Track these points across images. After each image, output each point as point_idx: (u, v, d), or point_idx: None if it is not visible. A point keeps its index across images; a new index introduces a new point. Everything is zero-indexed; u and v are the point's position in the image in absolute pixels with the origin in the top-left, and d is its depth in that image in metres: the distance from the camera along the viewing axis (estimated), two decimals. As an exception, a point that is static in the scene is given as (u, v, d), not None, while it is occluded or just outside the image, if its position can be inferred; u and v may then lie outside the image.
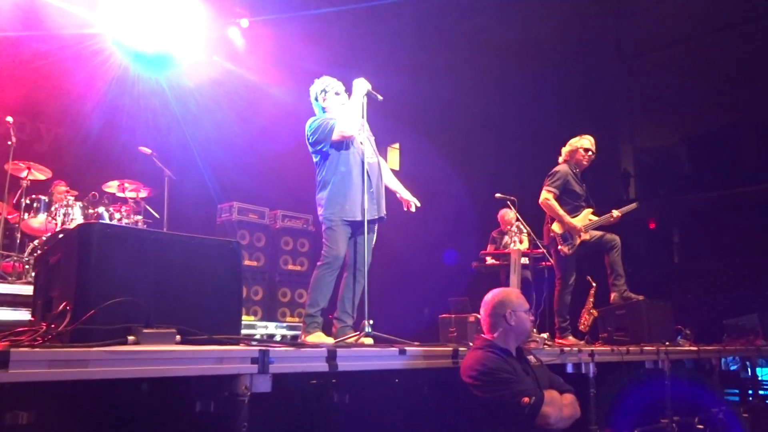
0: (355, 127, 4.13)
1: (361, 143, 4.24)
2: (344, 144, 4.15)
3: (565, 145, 5.70)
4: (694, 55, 11.07)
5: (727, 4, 10.36)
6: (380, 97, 4.23)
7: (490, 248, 7.57)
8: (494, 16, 10.06)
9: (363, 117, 4.24)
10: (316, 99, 4.36)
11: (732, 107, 10.96)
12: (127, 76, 7.98)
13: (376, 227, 4.30)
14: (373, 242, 4.25)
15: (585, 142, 5.58)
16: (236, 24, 9.30)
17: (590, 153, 5.58)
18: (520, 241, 7.10)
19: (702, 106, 11.21)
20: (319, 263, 4.10)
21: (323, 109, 4.34)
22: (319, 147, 4.15)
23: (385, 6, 10.09)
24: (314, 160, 4.27)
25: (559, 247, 5.33)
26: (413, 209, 4.64)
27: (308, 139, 4.21)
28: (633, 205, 5.79)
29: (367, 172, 4.13)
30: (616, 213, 5.55)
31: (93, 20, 7.86)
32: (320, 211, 4.17)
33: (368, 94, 4.19)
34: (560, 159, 5.67)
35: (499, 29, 10.02)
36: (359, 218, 4.05)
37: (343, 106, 4.25)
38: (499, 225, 7.75)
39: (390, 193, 4.53)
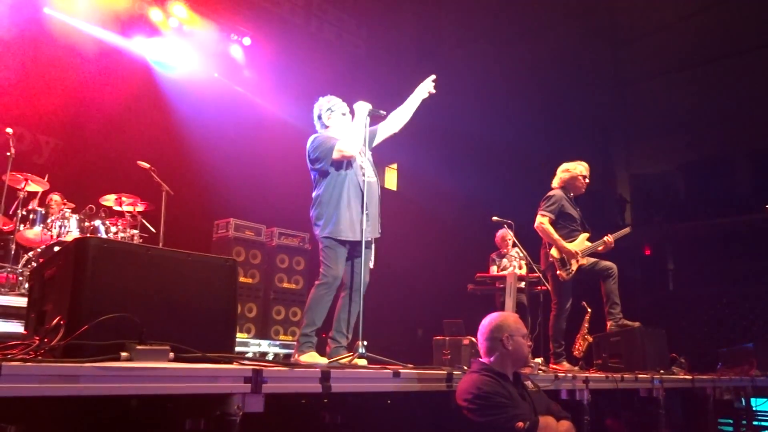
0: (356, 148, 4.12)
1: (362, 165, 4.23)
2: (344, 163, 4.14)
3: (557, 169, 5.69)
4: (690, 83, 11.19)
5: (723, 34, 10.50)
6: (383, 113, 4.25)
7: (490, 270, 7.57)
8: (493, 40, 10.17)
9: (366, 136, 4.23)
10: (320, 117, 4.34)
11: (728, 136, 11.05)
12: (128, 91, 8.01)
13: (373, 247, 4.27)
14: (371, 262, 4.20)
15: (582, 168, 5.59)
16: (238, 42, 9.38)
17: (587, 180, 5.60)
18: (520, 267, 7.12)
19: (698, 134, 11.29)
20: (317, 282, 4.06)
21: (324, 127, 4.32)
22: (319, 165, 4.12)
23: (386, 27, 10.20)
24: (313, 177, 4.25)
25: (558, 272, 5.30)
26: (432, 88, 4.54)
27: (309, 156, 4.18)
28: (626, 230, 5.78)
29: (365, 192, 4.12)
30: (609, 238, 5.53)
31: (97, 36, 7.93)
32: (316, 230, 4.14)
33: (370, 114, 4.20)
34: (555, 183, 5.65)
35: (498, 53, 10.13)
36: (355, 238, 4.02)
37: (346, 127, 4.26)
38: (497, 247, 7.75)
39: (382, 211, 4.44)
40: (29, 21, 7.41)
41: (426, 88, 4.55)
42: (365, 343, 3.75)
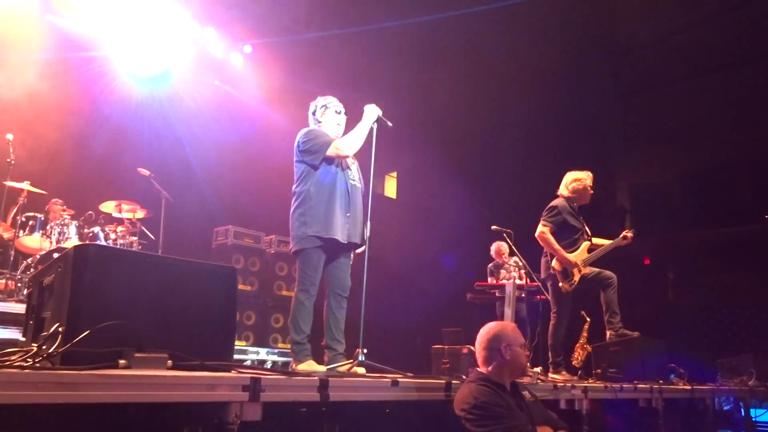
0: (354, 148, 4.10)
1: (349, 167, 4.23)
2: (334, 162, 4.11)
3: (563, 177, 5.66)
4: (690, 93, 11.21)
5: (723, 44, 10.53)
6: (390, 124, 4.20)
7: (488, 281, 7.57)
8: (493, 50, 10.20)
9: (373, 143, 4.15)
10: (314, 113, 4.34)
11: (728, 146, 11.07)
12: (129, 98, 8.03)
13: (352, 253, 4.23)
14: (349, 267, 4.18)
15: (590, 179, 5.58)
16: (239, 49, 9.41)
17: (592, 190, 5.60)
18: (520, 277, 7.13)
19: (698, 144, 11.31)
20: (296, 289, 4.02)
21: (317, 122, 4.31)
22: (308, 158, 4.06)
23: (388, 36, 10.23)
24: (297, 169, 4.17)
25: (560, 284, 5.29)
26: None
27: (299, 147, 4.11)
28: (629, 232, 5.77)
29: (350, 193, 4.11)
30: (628, 233, 5.60)
31: (98, 42, 7.96)
32: (297, 227, 4.02)
33: (378, 121, 4.17)
34: (563, 192, 5.58)
35: (498, 63, 10.15)
36: (338, 237, 3.98)
37: (338, 126, 4.26)
38: (492, 258, 7.76)
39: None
40: (30, 27, 7.43)
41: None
42: (365, 351, 3.74)
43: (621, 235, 5.63)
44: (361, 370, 3.61)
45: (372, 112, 4.16)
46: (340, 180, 4.11)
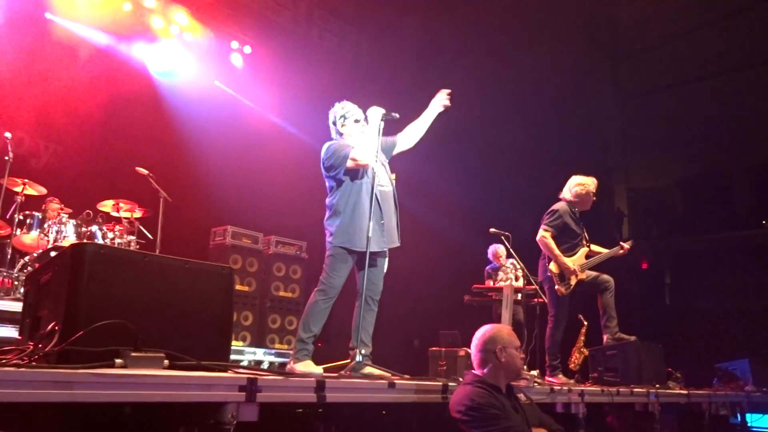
0: (370, 156, 4.07)
1: (375, 172, 4.16)
2: (359, 172, 4.09)
3: (567, 182, 5.62)
4: (688, 99, 11.24)
5: (722, 50, 10.56)
6: (397, 116, 4.16)
7: (486, 283, 7.57)
8: (494, 52, 10.21)
9: (378, 142, 4.12)
10: (334, 123, 4.31)
11: (726, 151, 11.09)
12: (128, 97, 8.03)
13: (387, 257, 4.21)
14: (385, 270, 4.20)
15: (594, 185, 5.55)
16: (239, 50, 9.42)
17: (595, 197, 5.58)
18: (516, 279, 7.13)
19: (696, 149, 11.33)
20: (315, 289, 4.02)
21: (339, 134, 4.29)
22: (333, 173, 4.08)
23: (388, 37, 10.24)
24: (327, 184, 4.21)
25: (556, 287, 5.28)
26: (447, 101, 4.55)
27: (323, 164, 4.14)
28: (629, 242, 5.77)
29: (379, 201, 4.08)
30: (626, 244, 5.58)
31: (97, 42, 7.97)
32: (328, 237, 4.09)
33: (384, 118, 4.13)
34: (567, 196, 5.54)
35: (498, 65, 10.16)
36: (365, 249, 3.96)
37: (361, 134, 4.22)
38: (490, 261, 7.77)
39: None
40: (30, 26, 7.43)
41: (440, 101, 4.53)
42: (363, 351, 3.75)
43: (619, 245, 5.61)
44: (368, 370, 3.60)
45: (376, 114, 4.14)
46: (366, 189, 4.08)
